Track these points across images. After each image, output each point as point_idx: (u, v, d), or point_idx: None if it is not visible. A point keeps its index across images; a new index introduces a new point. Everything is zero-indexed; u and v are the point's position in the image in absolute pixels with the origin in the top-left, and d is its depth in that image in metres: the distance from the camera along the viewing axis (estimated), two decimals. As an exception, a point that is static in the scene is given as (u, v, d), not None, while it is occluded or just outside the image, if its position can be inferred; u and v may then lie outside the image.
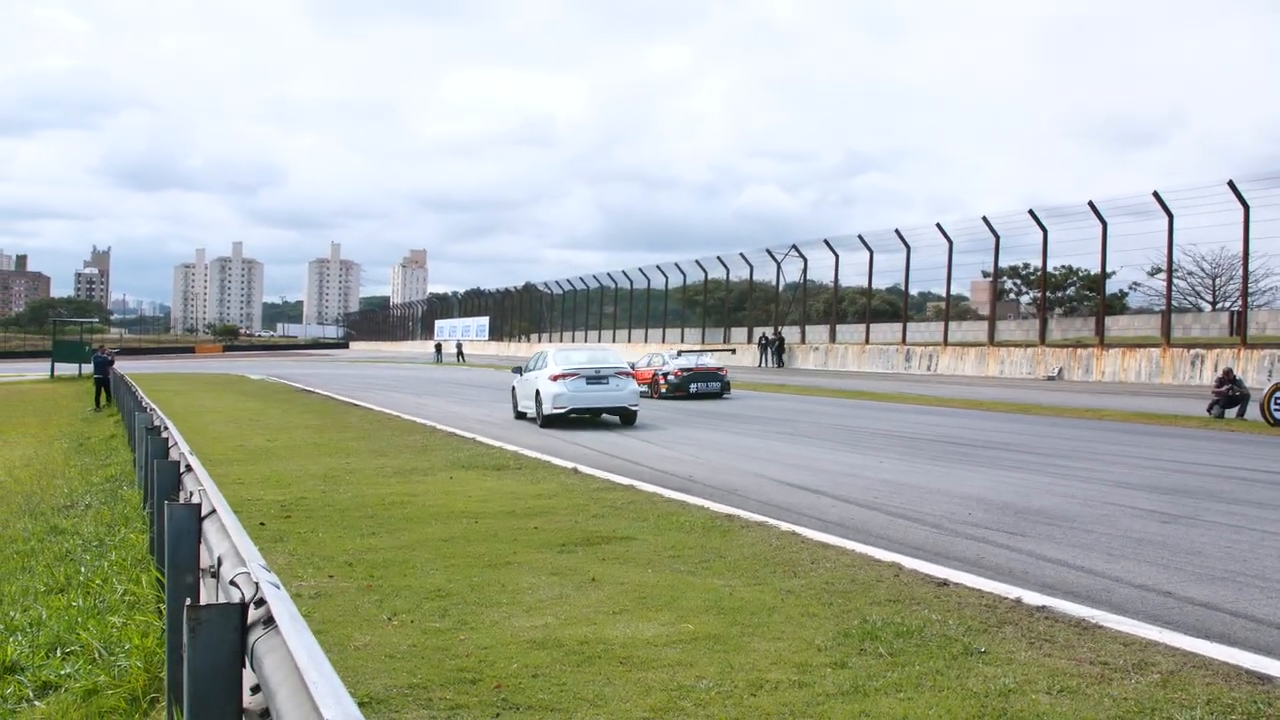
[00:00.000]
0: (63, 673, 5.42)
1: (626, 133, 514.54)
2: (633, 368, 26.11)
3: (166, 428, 8.97)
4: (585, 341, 58.09)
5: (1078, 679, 4.54)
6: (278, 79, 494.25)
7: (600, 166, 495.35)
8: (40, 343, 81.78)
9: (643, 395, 24.60)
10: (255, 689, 2.41)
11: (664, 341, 49.18)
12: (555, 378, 17.97)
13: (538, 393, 18.30)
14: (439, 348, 65.27)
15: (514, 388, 20.38)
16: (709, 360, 26.94)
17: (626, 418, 18.39)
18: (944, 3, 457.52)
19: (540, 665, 4.84)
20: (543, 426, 18.00)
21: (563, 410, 17.88)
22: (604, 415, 18.63)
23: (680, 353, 27.56)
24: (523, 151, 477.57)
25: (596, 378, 18.07)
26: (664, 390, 25.06)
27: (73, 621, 6.18)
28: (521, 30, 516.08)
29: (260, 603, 2.47)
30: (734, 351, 40.18)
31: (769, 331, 44.53)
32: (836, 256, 40.95)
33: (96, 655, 5.46)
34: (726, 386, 25.39)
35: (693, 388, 24.82)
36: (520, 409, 19.78)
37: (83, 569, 7.69)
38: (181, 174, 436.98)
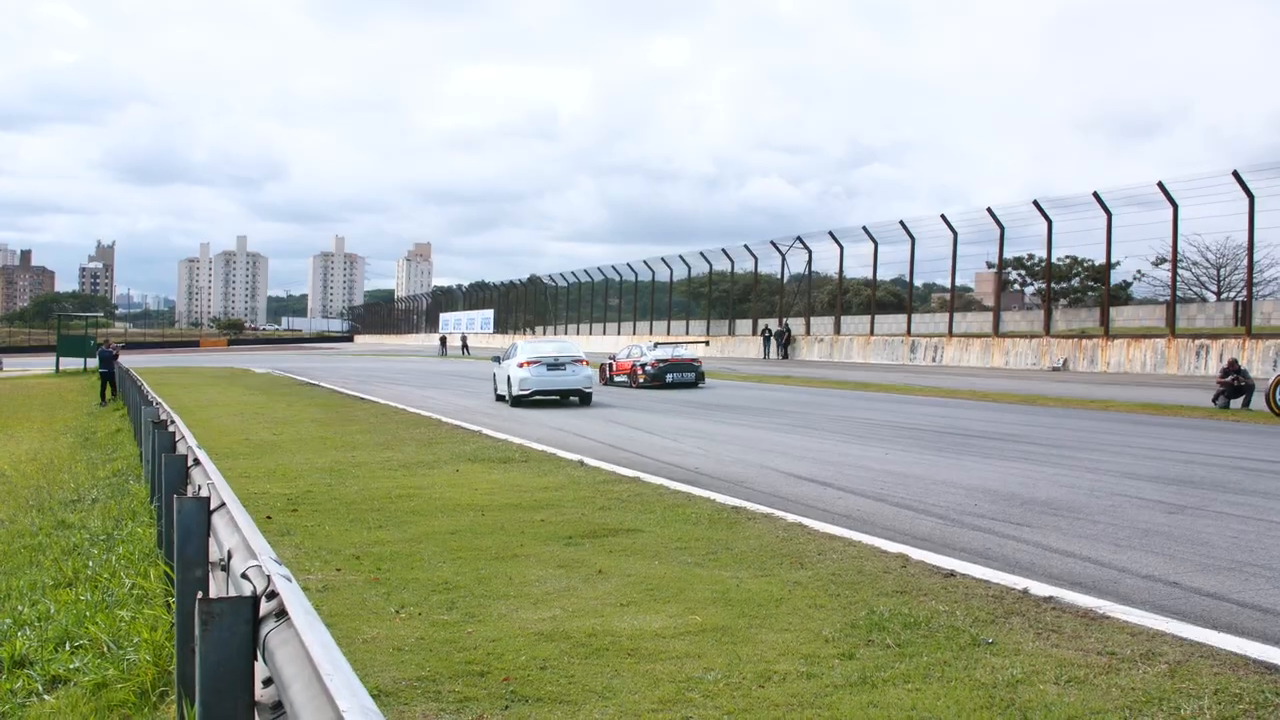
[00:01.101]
0: (72, 667, 5.44)
1: (630, 125, 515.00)
2: (613, 359, 28.19)
3: (173, 421, 8.97)
4: (590, 334, 58.16)
5: (1085, 669, 4.54)
6: (281, 73, 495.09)
7: (604, 159, 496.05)
8: (45, 338, 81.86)
9: (623, 385, 26.87)
10: (267, 682, 2.42)
11: (669, 334, 49.18)
12: (522, 365, 20.72)
13: (509, 378, 21.03)
14: (443, 341, 65.24)
15: (494, 374, 22.92)
16: (684, 352, 28.15)
17: (583, 399, 20.96)
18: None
19: (548, 657, 4.85)
20: (513, 406, 20.65)
21: (528, 392, 20.56)
22: (570, 398, 21.10)
23: (657, 344, 28.73)
24: (526, 145, 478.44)
25: (556, 365, 20.66)
26: (642, 380, 26.32)
27: (81, 615, 6.20)
28: (524, 24, 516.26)
29: (272, 595, 2.47)
30: (707, 344, 40.96)
31: (773, 323, 44.50)
32: (841, 248, 40.89)
33: (105, 649, 5.48)
34: (701, 377, 26.68)
35: (669, 378, 26.01)
36: (499, 392, 22.16)
37: (90, 563, 7.72)
38: (185, 168, 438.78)
